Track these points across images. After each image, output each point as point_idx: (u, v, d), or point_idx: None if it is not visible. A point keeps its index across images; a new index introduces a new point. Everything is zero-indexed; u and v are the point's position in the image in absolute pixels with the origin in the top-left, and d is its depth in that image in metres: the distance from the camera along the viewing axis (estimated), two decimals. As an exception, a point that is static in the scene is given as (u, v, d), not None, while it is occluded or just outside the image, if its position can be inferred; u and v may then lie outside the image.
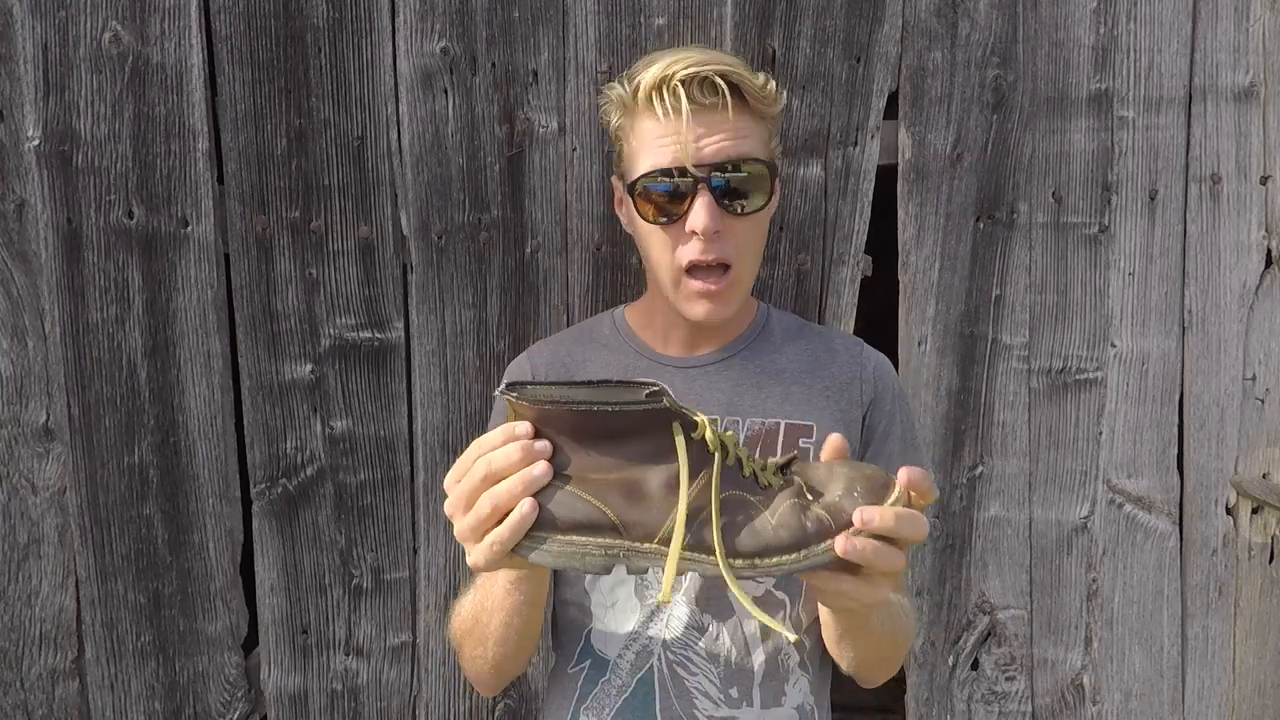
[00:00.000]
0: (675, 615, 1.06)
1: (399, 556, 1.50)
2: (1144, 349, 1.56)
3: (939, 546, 1.57)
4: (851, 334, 1.42)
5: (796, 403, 1.10)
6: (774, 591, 1.07)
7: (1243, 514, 1.59)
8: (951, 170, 1.52)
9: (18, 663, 1.47)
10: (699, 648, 1.05)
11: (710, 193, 1.00)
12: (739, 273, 1.04)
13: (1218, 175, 1.54)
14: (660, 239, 1.04)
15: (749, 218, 1.03)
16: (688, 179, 1.00)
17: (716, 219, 1.00)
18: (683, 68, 0.97)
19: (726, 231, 1.01)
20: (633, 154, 1.05)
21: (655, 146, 1.01)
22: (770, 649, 1.06)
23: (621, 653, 1.07)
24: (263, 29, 1.40)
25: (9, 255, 1.40)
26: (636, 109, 1.03)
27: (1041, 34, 1.50)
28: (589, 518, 0.72)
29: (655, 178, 1.01)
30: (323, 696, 1.52)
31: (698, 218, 0.99)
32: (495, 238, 1.47)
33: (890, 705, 2.95)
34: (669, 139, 0.99)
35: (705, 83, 0.98)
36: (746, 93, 1.01)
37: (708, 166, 0.99)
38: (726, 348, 1.14)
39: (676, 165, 0.99)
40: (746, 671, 1.05)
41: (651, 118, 1.01)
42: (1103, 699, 1.60)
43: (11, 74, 1.37)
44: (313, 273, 1.45)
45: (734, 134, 1.00)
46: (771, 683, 1.06)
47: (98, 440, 1.44)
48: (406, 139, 1.44)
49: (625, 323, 1.19)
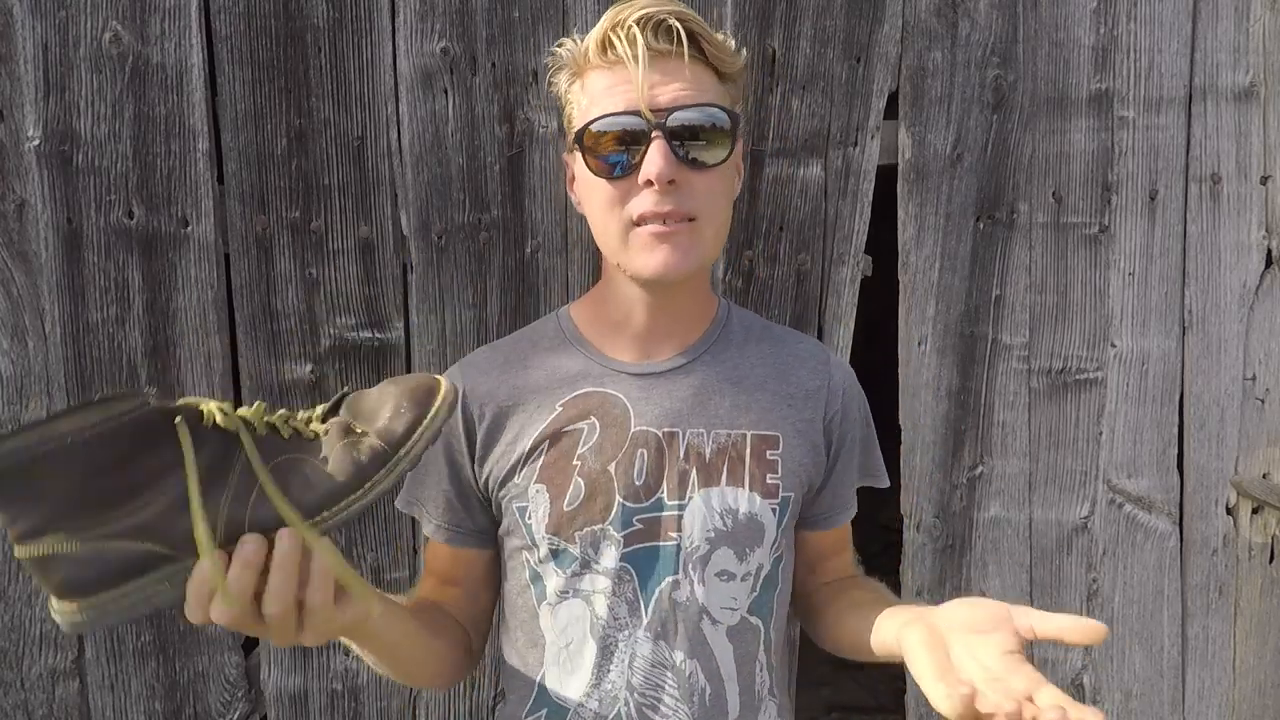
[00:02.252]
0: (639, 654, 0.98)
1: (399, 556, 1.50)
2: (1144, 349, 1.56)
3: (939, 547, 1.57)
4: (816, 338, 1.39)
5: (761, 411, 1.03)
6: (748, 618, 1.01)
7: (1243, 514, 1.59)
8: (951, 170, 1.52)
9: (18, 663, 1.47)
10: (669, 688, 0.98)
11: (666, 139, 0.91)
12: (700, 225, 0.95)
13: (1218, 175, 1.54)
14: (609, 194, 0.94)
15: (710, 172, 0.94)
16: (641, 124, 0.91)
17: (673, 167, 0.91)
18: (637, 9, 0.91)
19: (684, 184, 0.92)
20: (583, 111, 0.96)
21: (606, 94, 0.93)
22: (745, 679, 1.01)
23: (583, 701, 0.99)
24: (263, 29, 1.41)
25: (9, 255, 1.40)
26: (587, 64, 0.95)
27: (1041, 34, 1.50)
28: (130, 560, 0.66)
29: (606, 122, 0.92)
30: (323, 696, 1.52)
31: (651, 164, 0.90)
32: (495, 238, 1.47)
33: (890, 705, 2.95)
34: (621, 87, 0.92)
35: (661, 26, 0.91)
36: (704, 42, 0.94)
37: (663, 112, 0.91)
38: (686, 351, 1.04)
39: (630, 109, 0.91)
40: (721, 707, 0.99)
41: (602, 69, 0.94)
42: (1103, 699, 1.60)
43: (11, 74, 1.37)
44: (313, 273, 1.45)
45: (692, 83, 0.93)
46: (746, 714, 1.01)
47: (98, 440, 1.44)
48: (406, 139, 1.44)
49: (572, 322, 1.08)
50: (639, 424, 1.00)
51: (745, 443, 1.01)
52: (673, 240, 0.93)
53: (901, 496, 1.57)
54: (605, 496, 0.98)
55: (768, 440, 1.02)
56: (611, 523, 0.97)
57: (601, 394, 1.01)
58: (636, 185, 0.93)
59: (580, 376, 1.03)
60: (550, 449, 0.99)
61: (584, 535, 0.98)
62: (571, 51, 0.97)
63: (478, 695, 1.55)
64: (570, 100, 1.00)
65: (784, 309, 1.52)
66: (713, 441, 1.00)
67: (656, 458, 0.99)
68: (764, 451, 1.01)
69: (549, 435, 1.00)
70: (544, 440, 1.00)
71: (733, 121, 0.95)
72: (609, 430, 1.00)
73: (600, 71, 0.94)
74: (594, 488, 0.98)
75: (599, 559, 0.98)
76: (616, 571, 0.97)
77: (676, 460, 0.99)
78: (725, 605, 1.00)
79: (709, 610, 0.99)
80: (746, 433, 1.01)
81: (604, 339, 1.05)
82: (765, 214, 1.50)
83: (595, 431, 1.00)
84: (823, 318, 1.52)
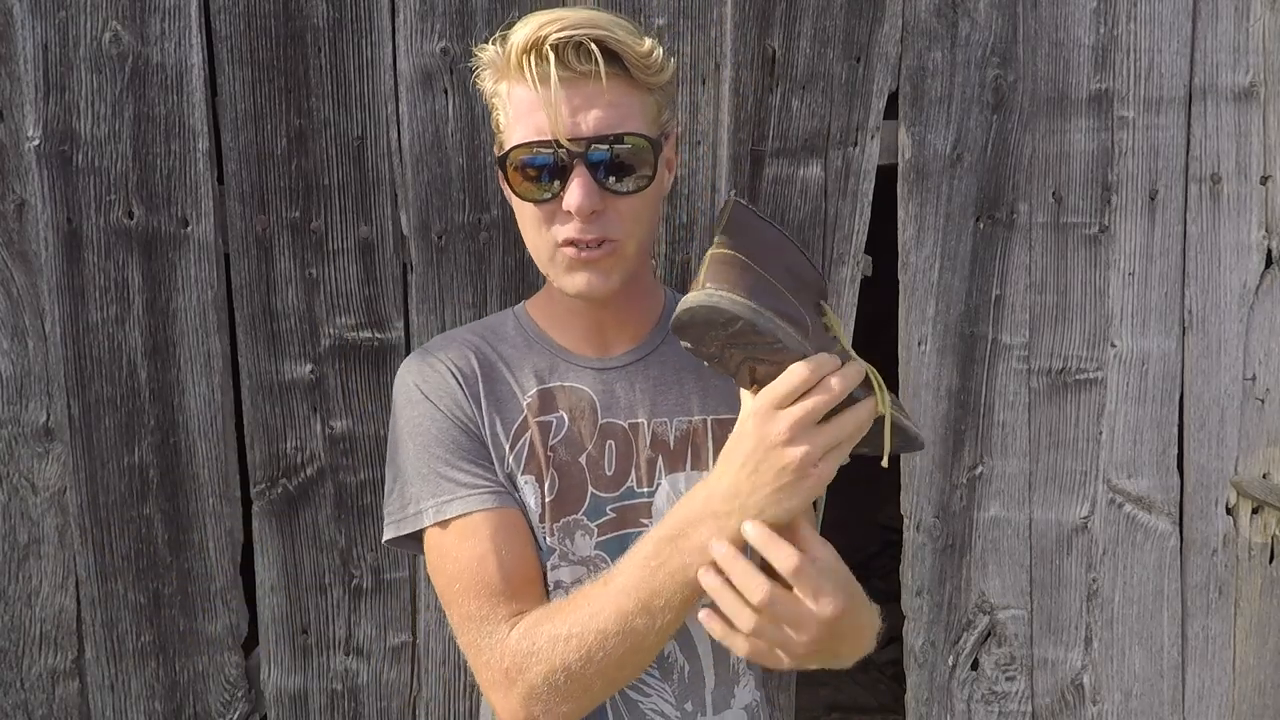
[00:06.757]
0: None
1: (399, 556, 1.50)
2: (1144, 349, 1.56)
3: (939, 547, 1.57)
4: None
5: (719, 396, 1.06)
6: None
7: (1243, 514, 1.59)
8: (951, 170, 1.52)
9: (18, 663, 1.47)
10: (651, 668, 1.00)
11: (587, 169, 0.91)
12: (622, 245, 0.96)
13: (1218, 175, 1.54)
14: (535, 216, 0.95)
15: (632, 196, 0.94)
16: (562, 154, 0.91)
17: (595, 198, 0.91)
18: (555, 30, 0.88)
19: (609, 209, 0.93)
20: (508, 125, 0.95)
21: (528, 116, 0.92)
22: (719, 653, 1.04)
23: None
24: (263, 29, 1.40)
25: (9, 255, 1.40)
26: (509, 74, 0.93)
27: (1041, 34, 1.50)
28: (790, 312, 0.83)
29: (528, 150, 0.92)
30: (323, 696, 1.52)
31: (573, 197, 0.91)
32: (495, 238, 1.47)
33: (890, 705, 2.95)
34: (542, 109, 0.90)
35: (580, 48, 0.89)
36: (627, 60, 0.91)
37: (584, 140, 0.90)
38: (641, 346, 1.07)
39: (551, 137, 0.90)
40: (699, 682, 1.03)
41: (524, 84, 0.91)
42: (1103, 699, 1.60)
43: (11, 74, 1.37)
44: (313, 272, 1.45)
45: (612, 105, 0.91)
46: (722, 688, 1.04)
47: (98, 440, 1.44)
48: (406, 139, 1.44)
49: (530, 319, 1.10)
50: (605, 416, 1.04)
51: (705, 427, 1.05)
52: (594, 265, 0.95)
53: (901, 496, 1.57)
54: (578, 488, 1.02)
55: (726, 424, 1.04)
56: (585, 513, 1.01)
57: (567, 388, 1.05)
58: (561, 209, 0.93)
59: (547, 371, 1.06)
60: (526, 441, 1.02)
61: (560, 527, 1.01)
62: (494, 55, 0.95)
63: (478, 695, 1.55)
64: (497, 104, 0.98)
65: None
66: (675, 429, 1.05)
67: (624, 448, 1.03)
68: (724, 435, 1.01)
69: (523, 428, 1.03)
70: (522, 433, 1.03)
71: (654, 148, 0.94)
72: (577, 423, 1.03)
73: (521, 86, 0.92)
74: (568, 480, 1.01)
75: (574, 549, 1.01)
76: (592, 560, 1.01)
77: (643, 449, 1.04)
78: None
79: None
80: (706, 418, 1.06)
81: (563, 335, 1.07)
82: (765, 214, 1.50)
83: (564, 424, 1.03)
84: (823, 318, 1.52)
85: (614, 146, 0.92)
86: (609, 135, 0.91)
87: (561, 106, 0.89)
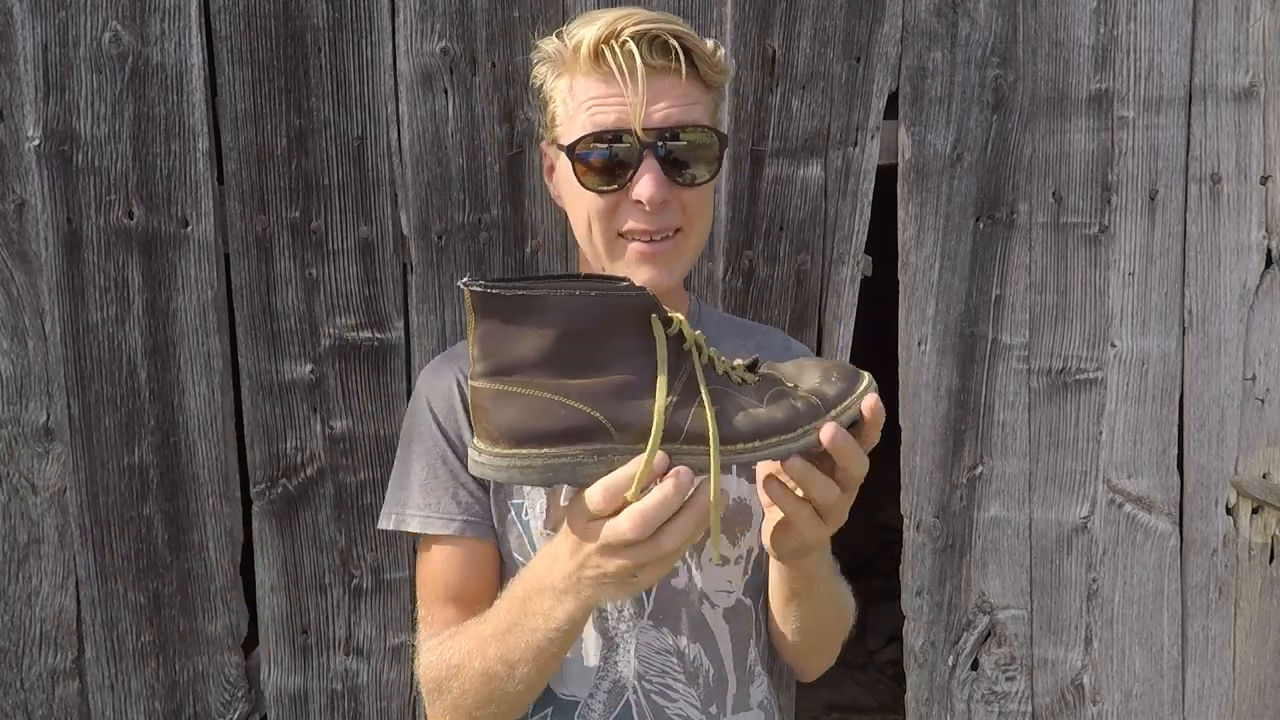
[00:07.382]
0: (643, 642, 1.00)
1: (399, 556, 1.50)
2: (1144, 349, 1.56)
3: (939, 546, 1.57)
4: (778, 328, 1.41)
5: None
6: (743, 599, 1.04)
7: (1243, 514, 1.59)
8: (951, 170, 1.52)
9: (18, 663, 1.47)
10: (675, 673, 1.00)
11: (658, 161, 0.93)
12: (685, 236, 0.98)
13: (1218, 175, 1.54)
14: (598, 206, 0.96)
15: (697, 187, 0.97)
16: (634, 145, 0.93)
17: (664, 189, 0.93)
18: (633, 24, 0.90)
19: (674, 200, 0.95)
20: (569, 116, 0.96)
21: (597, 108, 0.93)
22: (739, 655, 1.04)
23: (592, 693, 1.00)
24: (263, 29, 1.40)
25: (9, 255, 1.40)
26: (576, 67, 0.94)
27: (1041, 34, 1.50)
28: (578, 424, 0.69)
29: (599, 141, 0.94)
30: (323, 696, 1.52)
31: (644, 188, 0.93)
32: (495, 238, 1.47)
33: (890, 705, 2.95)
34: (613, 100, 0.92)
35: (656, 42, 0.91)
36: (698, 58, 0.94)
37: (655, 132, 0.93)
38: None
39: (623, 128, 0.92)
40: (723, 686, 1.04)
41: (594, 77, 0.93)
42: (1103, 699, 1.60)
43: (11, 74, 1.37)
44: (313, 272, 1.45)
45: (683, 100, 0.94)
46: (741, 689, 1.05)
47: (98, 440, 1.44)
48: (406, 139, 1.44)
49: None
50: None
51: None
52: (659, 258, 0.97)
53: (901, 496, 1.57)
54: None
55: None
56: None
57: None
58: (627, 199, 0.95)
59: None
60: None
61: None
62: (559, 49, 0.96)
63: (478, 695, 1.55)
64: (555, 97, 0.99)
65: (784, 309, 1.52)
66: None
67: None
68: None
69: None
70: None
71: (720, 143, 0.98)
72: None
73: (591, 80, 0.94)
74: None
75: None
76: None
77: None
78: (721, 589, 1.03)
79: (708, 595, 1.02)
80: None
81: None
82: (765, 214, 1.50)
83: None
84: (823, 318, 1.53)
85: (685, 138, 0.94)
86: (681, 127, 0.94)
87: (637, 98, 0.90)
